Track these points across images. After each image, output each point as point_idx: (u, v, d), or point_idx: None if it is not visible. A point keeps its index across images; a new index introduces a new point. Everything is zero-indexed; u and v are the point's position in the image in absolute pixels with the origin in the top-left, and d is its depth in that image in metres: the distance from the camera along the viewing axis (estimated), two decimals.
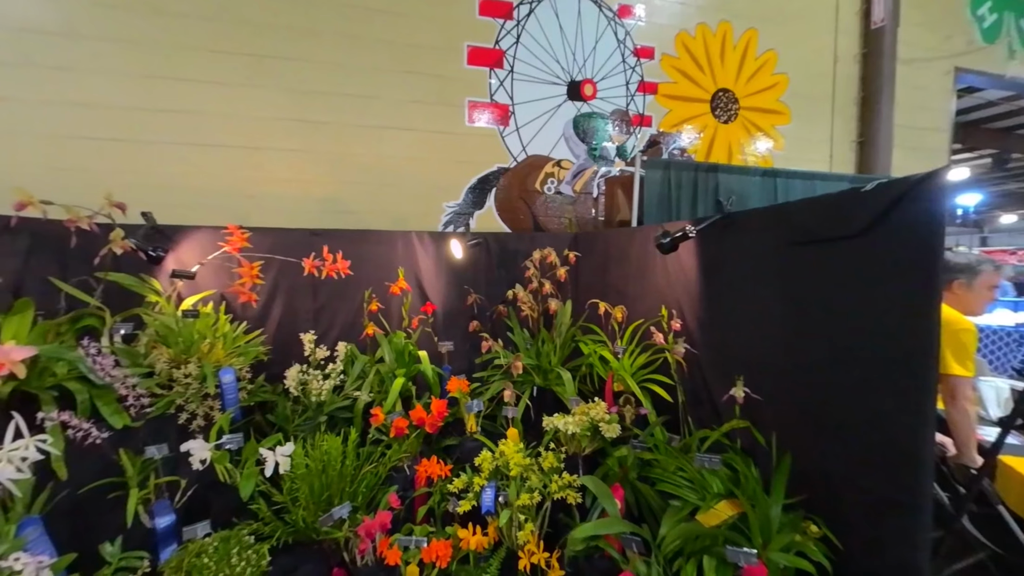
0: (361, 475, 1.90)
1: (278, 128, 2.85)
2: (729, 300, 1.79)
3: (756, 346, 1.66)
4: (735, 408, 1.59)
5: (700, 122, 3.73)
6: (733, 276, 1.76)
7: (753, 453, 1.63)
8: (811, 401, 1.44)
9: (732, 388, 1.61)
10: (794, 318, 1.50)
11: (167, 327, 1.85)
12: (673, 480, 1.71)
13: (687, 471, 1.70)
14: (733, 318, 1.77)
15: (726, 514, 1.39)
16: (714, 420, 1.84)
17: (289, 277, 2.39)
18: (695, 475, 1.66)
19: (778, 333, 1.56)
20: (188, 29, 2.70)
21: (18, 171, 2.47)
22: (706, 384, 1.91)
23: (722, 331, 1.84)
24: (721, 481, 1.59)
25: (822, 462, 1.39)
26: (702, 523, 1.40)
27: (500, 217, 3.33)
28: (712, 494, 1.53)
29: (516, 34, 3.29)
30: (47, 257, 1.87)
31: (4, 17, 2.44)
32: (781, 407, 1.53)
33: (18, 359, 1.29)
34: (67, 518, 1.49)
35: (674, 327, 1.94)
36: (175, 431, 1.81)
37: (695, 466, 1.64)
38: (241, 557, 1.54)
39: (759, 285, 1.63)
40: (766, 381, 1.58)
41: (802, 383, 1.47)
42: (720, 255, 1.82)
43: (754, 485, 1.41)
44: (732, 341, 1.78)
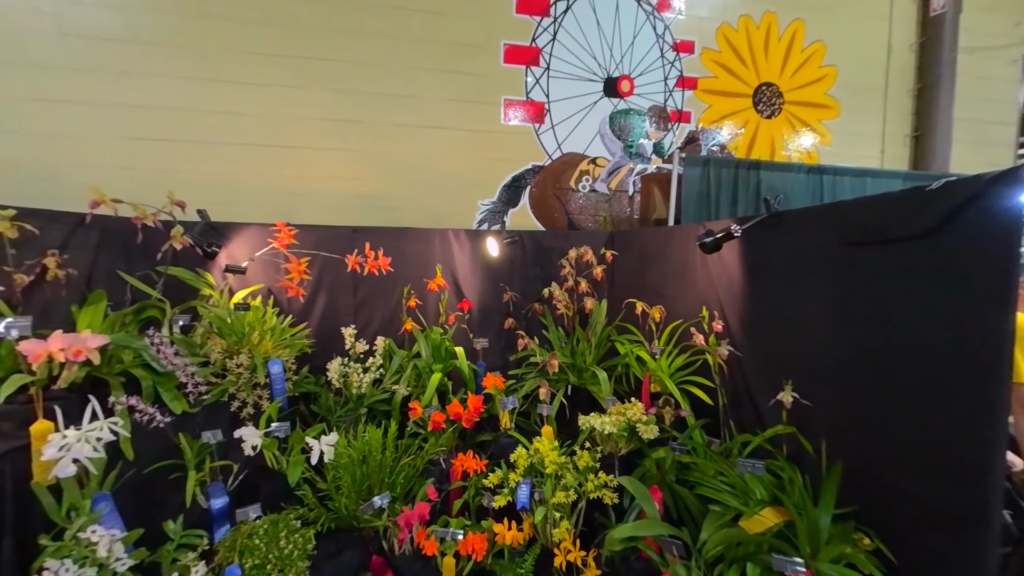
0: (399, 466, 1.95)
1: (321, 128, 2.94)
2: (776, 302, 1.73)
3: (806, 350, 1.60)
4: (781, 413, 1.54)
5: (741, 117, 3.61)
6: (781, 277, 1.71)
7: (799, 460, 1.58)
8: (867, 408, 1.38)
9: (778, 392, 1.57)
10: (850, 322, 1.44)
11: (221, 319, 1.95)
12: (713, 484, 1.68)
13: (728, 476, 1.67)
14: (780, 320, 1.72)
15: (771, 521, 1.35)
16: (756, 425, 1.79)
17: (331, 272, 2.47)
18: (737, 480, 1.62)
19: (831, 337, 1.50)
20: (237, 33, 2.81)
21: (87, 170, 2.65)
22: (748, 387, 1.86)
23: (767, 333, 1.78)
24: (765, 487, 1.55)
25: (877, 472, 1.33)
26: (746, 529, 1.36)
27: (534, 215, 3.33)
28: (755, 500, 1.50)
29: (553, 31, 3.27)
30: (114, 252, 2.00)
31: (77, 27, 2.62)
32: (832, 413, 1.48)
33: (93, 346, 1.39)
34: (132, 496, 1.59)
35: (715, 328, 1.89)
36: (227, 418, 1.91)
37: (737, 471, 1.61)
38: (289, 540, 1.61)
39: (810, 287, 1.57)
40: (816, 386, 1.53)
41: (857, 389, 1.41)
42: (767, 255, 1.76)
43: (802, 493, 1.37)
44: (778, 344, 1.72)
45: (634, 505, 1.71)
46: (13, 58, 2.58)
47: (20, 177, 2.61)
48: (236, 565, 1.50)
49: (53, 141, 2.65)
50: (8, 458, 1.38)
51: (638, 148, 3.46)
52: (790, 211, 1.67)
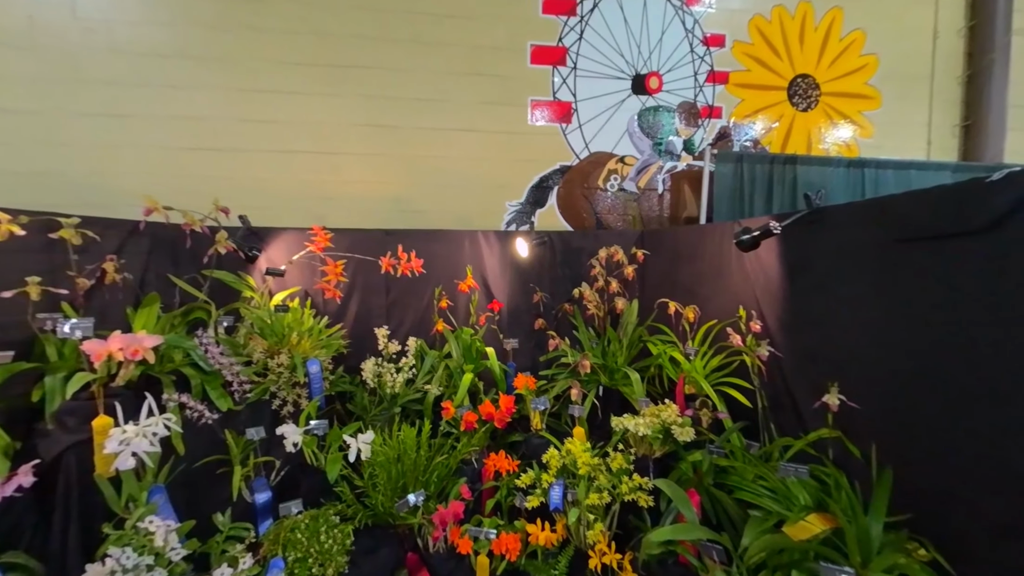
0: (433, 465, 1.98)
1: (353, 133, 3.01)
2: (818, 301, 1.67)
3: (851, 351, 1.54)
4: (827, 416, 1.49)
5: (776, 111, 3.50)
6: (823, 275, 1.65)
7: (844, 465, 1.52)
8: (919, 413, 1.32)
9: (821, 395, 1.51)
10: (899, 322, 1.38)
11: (262, 320, 2.02)
12: (752, 489, 1.63)
13: (768, 480, 1.62)
14: (823, 320, 1.66)
15: (817, 528, 1.30)
16: (798, 428, 1.74)
17: (364, 274, 2.53)
18: (778, 485, 1.58)
19: (879, 338, 1.44)
20: (273, 44, 2.91)
21: (135, 179, 2.80)
22: (789, 390, 1.80)
23: (809, 334, 1.72)
24: (809, 493, 1.50)
25: (932, 480, 1.27)
26: (790, 536, 1.32)
27: (562, 215, 3.32)
28: (799, 506, 1.45)
29: (579, 30, 3.25)
30: (163, 256, 2.11)
31: (129, 44, 2.77)
32: (881, 417, 1.42)
33: (149, 346, 1.47)
34: (182, 489, 1.66)
35: (753, 329, 1.84)
36: (269, 415, 1.98)
37: (778, 475, 1.56)
38: (328, 535, 1.66)
39: (856, 286, 1.51)
40: (863, 389, 1.47)
41: (908, 393, 1.35)
42: (808, 253, 1.71)
43: (850, 499, 1.32)
44: (821, 345, 1.66)
45: (671, 508, 1.68)
46: (69, 75, 2.75)
47: (74, 187, 2.77)
48: (280, 558, 1.55)
49: (105, 152, 2.80)
50: (73, 451, 1.47)
51: (667, 145, 3.40)
52: (833, 207, 1.61)
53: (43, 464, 1.41)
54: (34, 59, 2.70)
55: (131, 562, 1.25)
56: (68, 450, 1.46)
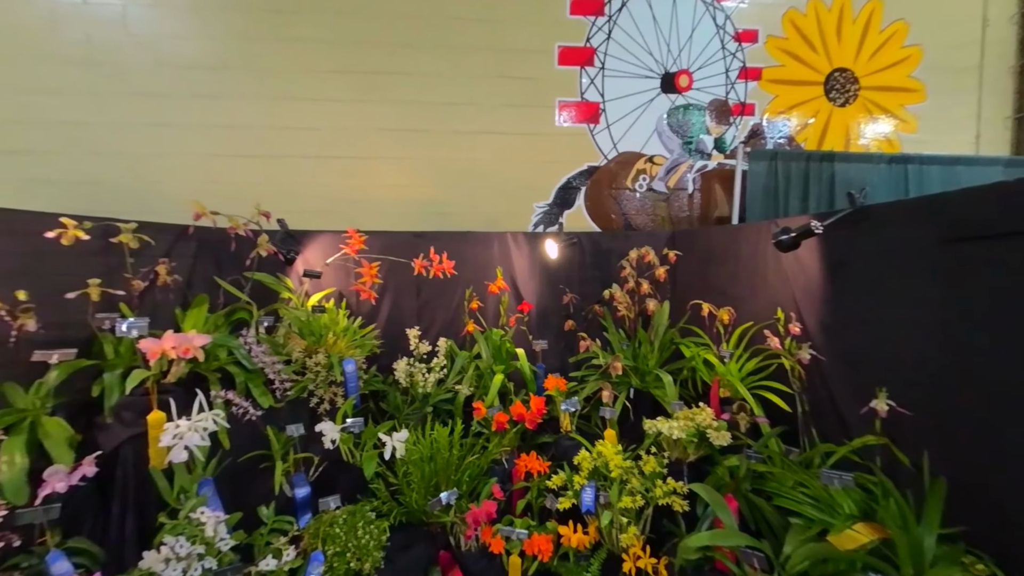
0: (464, 465, 2.00)
1: (384, 138, 3.08)
2: (863, 303, 1.61)
3: (900, 354, 1.48)
4: (874, 422, 1.43)
5: (812, 107, 3.39)
6: (868, 276, 1.59)
7: (892, 474, 1.46)
8: (975, 421, 1.26)
9: (868, 400, 1.46)
10: (952, 325, 1.32)
11: (300, 320, 2.09)
12: (792, 495, 1.59)
13: (810, 487, 1.57)
14: (868, 323, 1.60)
15: (865, 538, 1.26)
16: (841, 434, 1.68)
17: (396, 276, 2.58)
18: (820, 492, 1.53)
19: (929, 341, 1.38)
20: (310, 53, 3.01)
21: (180, 186, 2.93)
22: (831, 394, 1.75)
23: (853, 337, 1.66)
24: (854, 502, 1.45)
25: (991, 491, 1.21)
26: (835, 545, 1.28)
27: (589, 215, 3.30)
28: (844, 515, 1.40)
29: (607, 30, 3.23)
30: (208, 259, 2.20)
31: (175, 57, 2.91)
32: (933, 425, 1.36)
33: (199, 345, 1.54)
34: (227, 482, 1.74)
35: (793, 331, 1.79)
36: (307, 413, 2.04)
37: (821, 482, 1.51)
38: (365, 531, 1.70)
39: (905, 287, 1.45)
40: (912, 394, 1.41)
41: (962, 399, 1.29)
42: (851, 253, 1.65)
43: (902, 509, 1.26)
44: (866, 348, 1.61)
45: (707, 514, 1.66)
46: (120, 88, 2.91)
47: (124, 194, 2.92)
48: (320, 551, 1.60)
49: (152, 160, 2.95)
50: (129, 443, 1.56)
51: (698, 144, 3.34)
52: (880, 205, 1.56)
53: (103, 455, 1.50)
54: (90, 74, 2.87)
55: (184, 551, 1.32)
56: (125, 443, 1.55)
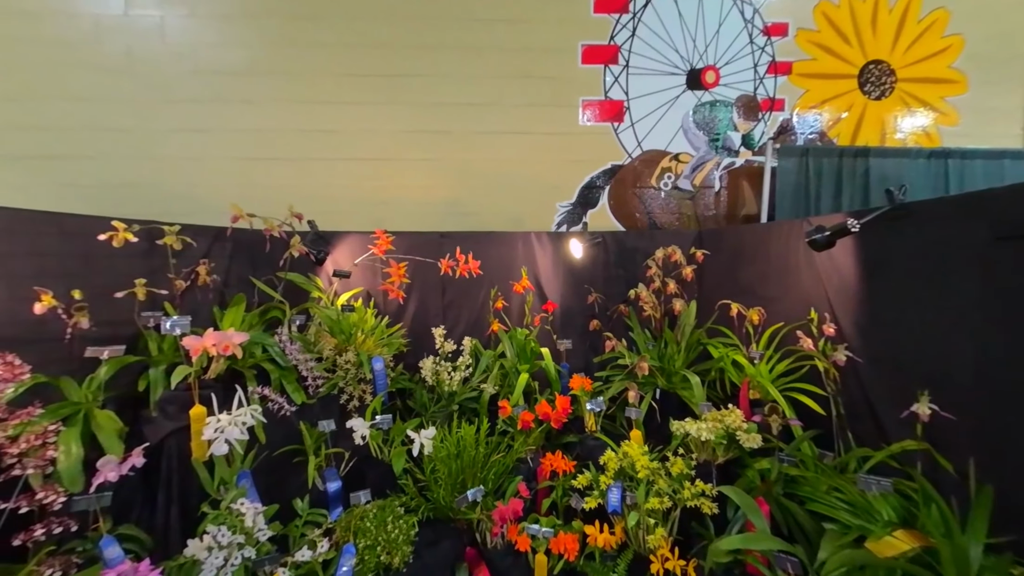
0: (490, 463, 2.02)
1: (409, 140, 3.13)
2: (902, 303, 1.57)
3: (941, 357, 1.43)
4: (915, 427, 1.39)
5: (845, 101, 3.29)
6: (908, 276, 1.54)
7: (933, 480, 1.41)
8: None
9: (906, 403, 1.41)
10: (998, 327, 1.27)
11: (331, 319, 2.14)
12: (826, 500, 1.55)
13: (845, 493, 1.53)
14: (907, 324, 1.55)
15: (905, 546, 1.22)
16: (878, 438, 1.64)
17: (421, 276, 2.61)
18: (856, 498, 1.49)
19: (974, 343, 1.33)
20: (338, 57, 3.08)
21: (216, 189, 3.04)
22: (867, 397, 1.70)
23: (891, 338, 1.61)
24: (892, 508, 1.41)
25: None
26: (874, 552, 1.25)
27: (613, 215, 3.28)
28: (883, 521, 1.36)
29: (632, 27, 3.21)
30: (242, 259, 2.28)
31: (210, 64, 3.02)
32: (979, 430, 1.31)
33: (238, 342, 1.60)
34: (262, 475, 1.80)
35: (827, 332, 1.75)
36: (337, 409, 2.10)
37: (857, 488, 1.48)
38: (395, 525, 1.73)
39: (947, 287, 1.40)
40: (955, 398, 1.36)
41: (1010, 404, 1.24)
42: (890, 251, 1.60)
43: (947, 517, 1.22)
44: (905, 350, 1.56)
45: (738, 517, 1.63)
46: (161, 96, 3.03)
47: (163, 196, 3.05)
48: (351, 544, 1.64)
49: (188, 164, 3.06)
50: (173, 436, 1.63)
51: (725, 141, 3.28)
52: (922, 202, 1.50)
53: (149, 447, 1.57)
54: (131, 83, 3.00)
55: (225, 540, 1.37)
56: (170, 435, 1.62)
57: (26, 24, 2.94)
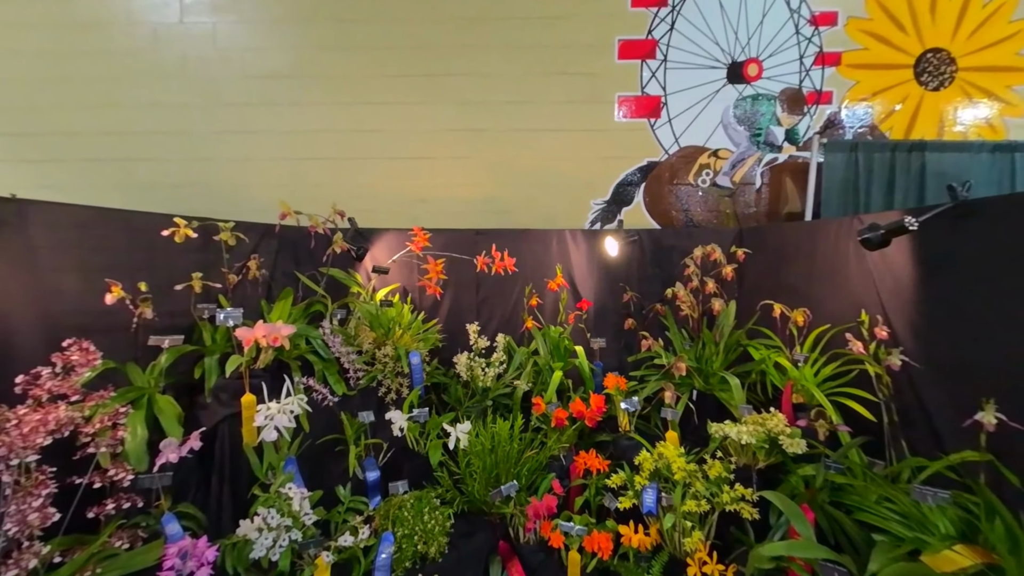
0: (524, 459, 2.03)
1: (446, 138, 3.17)
2: (964, 306, 1.48)
3: (1007, 362, 1.34)
4: (978, 436, 1.31)
5: (899, 92, 3.12)
6: (972, 276, 1.45)
7: (997, 494, 1.33)
8: None
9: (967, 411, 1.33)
10: None
11: (371, 314, 2.20)
12: (876, 511, 1.49)
13: (897, 503, 1.46)
14: (969, 328, 1.46)
15: (967, 561, 1.16)
16: (934, 447, 1.55)
17: (456, 273, 2.65)
18: (910, 509, 1.42)
19: None
20: (378, 59, 3.15)
21: (262, 188, 3.18)
22: (922, 403, 1.61)
23: (950, 343, 1.53)
24: (950, 521, 1.34)
25: None
26: (930, 566, 1.19)
27: (648, 212, 3.23)
28: (940, 535, 1.30)
29: (671, 20, 3.14)
30: (287, 255, 2.37)
31: (257, 69, 3.15)
32: None
33: (285, 334, 1.68)
34: (306, 462, 1.87)
35: (879, 335, 1.67)
36: (376, 401, 2.16)
37: (912, 499, 1.41)
38: (431, 516, 1.77)
39: (1015, 288, 1.31)
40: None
41: None
42: (951, 251, 1.51)
43: (1014, 532, 1.15)
44: (967, 355, 1.47)
45: (780, 523, 1.59)
46: (211, 100, 3.19)
47: (213, 195, 3.21)
48: (390, 532, 1.69)
49: (237, 165, 3.21)
50: (226, 423, 1.72)
51: (767, 136, 3.17)
52: (991, 199, 1.42)
53: (205, 432, 1.66)
54: (185, 89, 3.16)
55: (274, 522, 1.44)
56: (223, 421, 1.71)
57: (90, 36, 3.15)
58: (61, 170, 3.18)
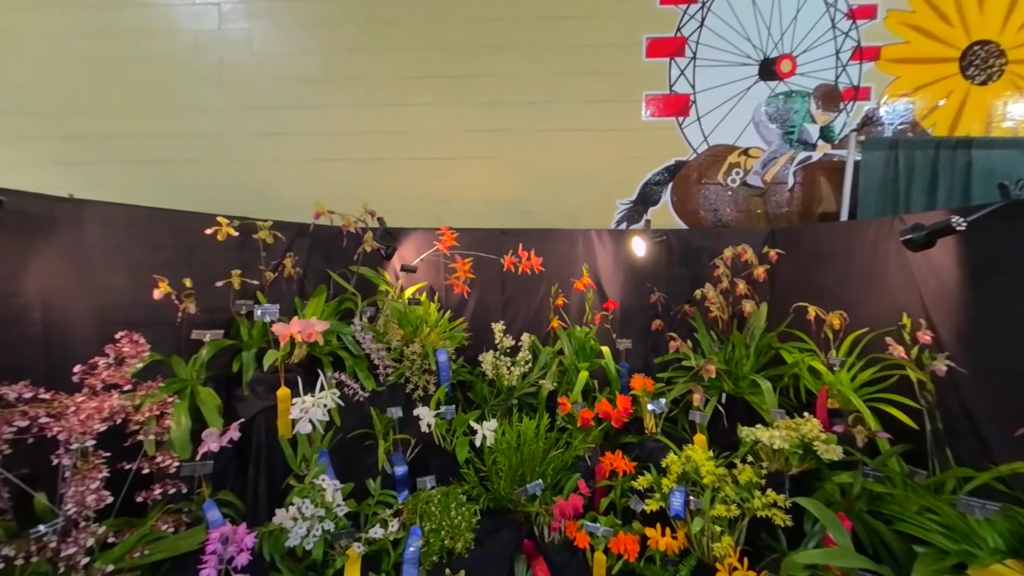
0: (549, 458, 2.03)
1: (471, 139, 3.20)
2: (1015, 310, 1.41)
3: None
4: None
5: (943, 87, 2.99)
6: None
7: None
8: None
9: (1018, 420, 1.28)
10: None
11: (399, 312, 2.24)
12: (918, 521, 1.44)
13: (941, 515, 1.41)
14: (1021, 333, 1.39)
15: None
16: (981, 457, 1.49)
17: (481, 272, 2.66)
18: (955, 521, 1.37)
19: None
20: (404, 61, 3.20)
21: (293, 188, 3.27)
22: (968, 412, 1.55)
23: (1000, 348, 1.46)
24: (1000, 535, 1.28)
25: None
26: None
27: (676, 212, 3.18)
28: (988, 548, 1.24)
29: (700, 17, 3.09)
30: (319, 253, 2.44)
31: (289, 72, 3.24)
32: None
33: (319, 330, 1.72)
34: (337, 455, 1.92)
35: (922, 340, 1.61)
36: (403, 398, 2.19)
37: (956, 510, 1.35)
38: (458, 512, 1.79)
39: None
40: None
41: None
42: (1001, 253, 1.45)
43: None
44: (1019, 362, 1.40)
45: (816, 530, 1.55)
46: (244, 102, 3.29)
47: (246, 196, 3.31)
48: (418, 526, 1.72)
49: (269, 166, 3.31)
50: (262, 415, 1.78)
51: (800, 134, 3.08)
52: None
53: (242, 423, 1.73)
54: (222, 93, 3.28)
55: (309, 512, 1.48)
56: (259, 413, 1.77)
57: (133, 42, 3.29)
58: (107, 171, 3.34)
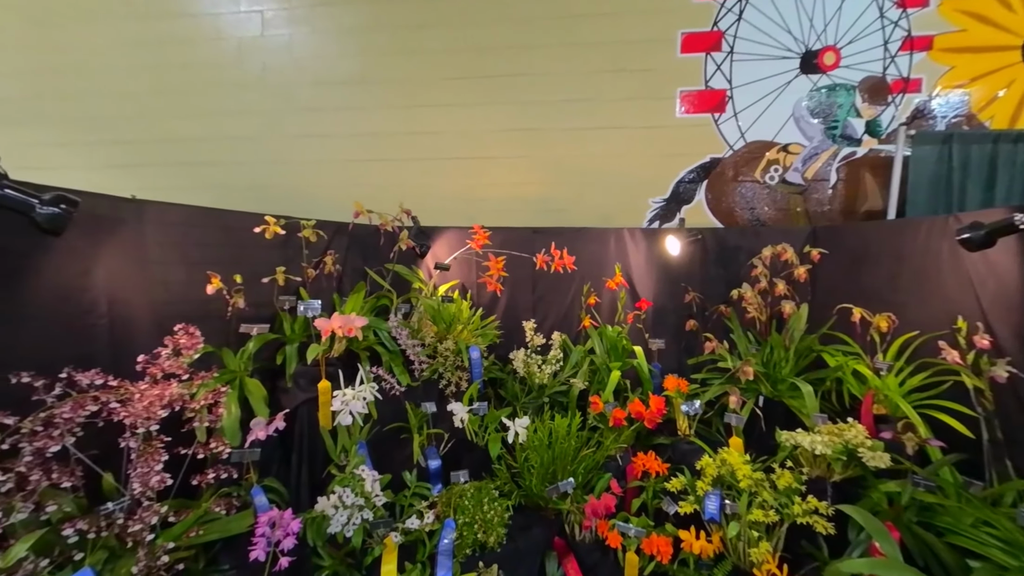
0: (580, 457, 2.03)
1: (503, 138, 3.22)
2: None
3: None
4: None
5: (1003, 77, 2.81)
6: None
7: None
8: None
9: None
10: None
11: (433, 309, 2.29)
12: (972, 534, 1.37)
13: (999, 528, 1.34)
14: None
15: None
16: None
17: (513, 270, 2.68)
18: (1015, 536, 1.30)
19: None
20: (438, 63, 3.25)
21: (331, 188, 3.38)
22: None
23: None
24: None
25: None
26: None
27: (711, 210, 3.11)
28: None
29: (738, 10, 3.01)
30: (356, 251, 2.51)
31: (328, 75, 3.35)
32: None
33: (359, 326, 1.78)
34: (374, 447, 1.98)
35: (980, 344, 1.53)
36: (437, 393, 2.24)
37: (1016, 524, 1.28)
38: (490, 507, 1.82)
39: None
40: None
41: None
42: None
43: None
44: None
45: (860, 539, 1.49)
46: (286, 106, 3.42)
47: (287, 195, 3.44)
48: (452, 519, 1.75)
49: (309, 167, 3.43)
50: (305, 406, 1.85)
51: (844, 129, 2.96)
52: None
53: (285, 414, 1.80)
54: (265, 97, 3.41)
55: (349, 500, 1.54)
56: (302, 405, 1.85)
57: (182, 51, 3.46)
58: (159, 173, 3.53)
